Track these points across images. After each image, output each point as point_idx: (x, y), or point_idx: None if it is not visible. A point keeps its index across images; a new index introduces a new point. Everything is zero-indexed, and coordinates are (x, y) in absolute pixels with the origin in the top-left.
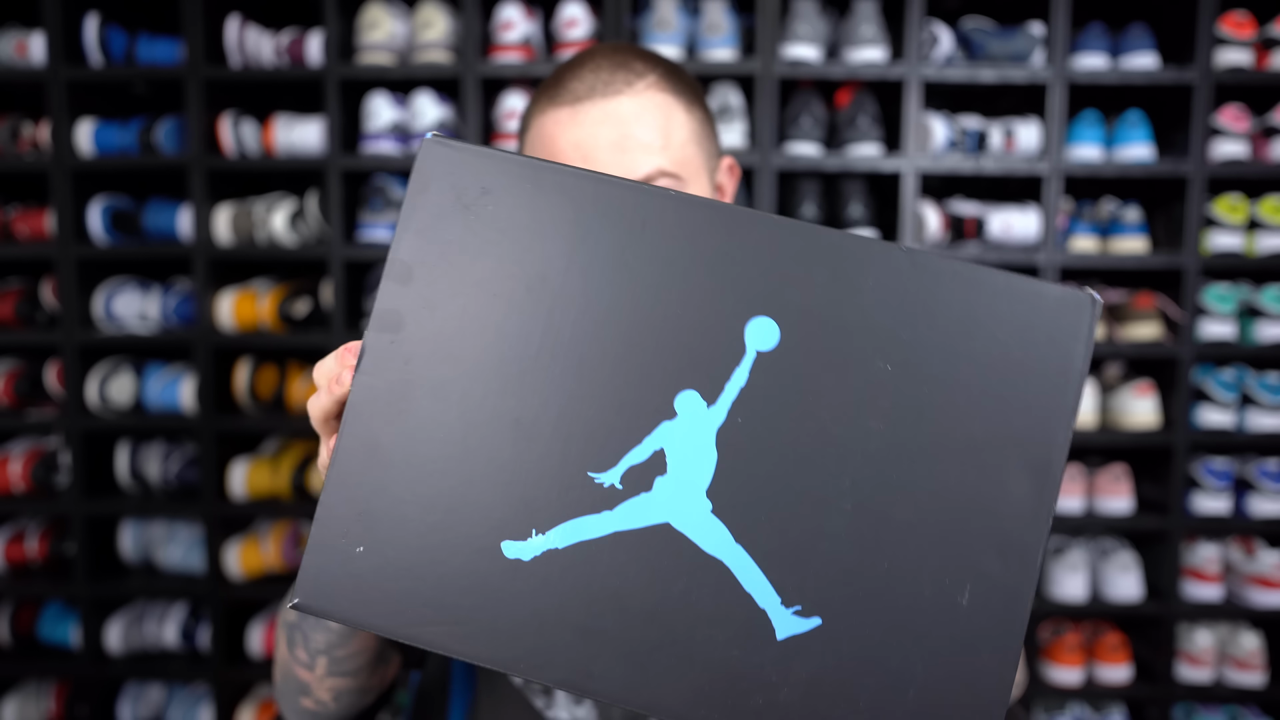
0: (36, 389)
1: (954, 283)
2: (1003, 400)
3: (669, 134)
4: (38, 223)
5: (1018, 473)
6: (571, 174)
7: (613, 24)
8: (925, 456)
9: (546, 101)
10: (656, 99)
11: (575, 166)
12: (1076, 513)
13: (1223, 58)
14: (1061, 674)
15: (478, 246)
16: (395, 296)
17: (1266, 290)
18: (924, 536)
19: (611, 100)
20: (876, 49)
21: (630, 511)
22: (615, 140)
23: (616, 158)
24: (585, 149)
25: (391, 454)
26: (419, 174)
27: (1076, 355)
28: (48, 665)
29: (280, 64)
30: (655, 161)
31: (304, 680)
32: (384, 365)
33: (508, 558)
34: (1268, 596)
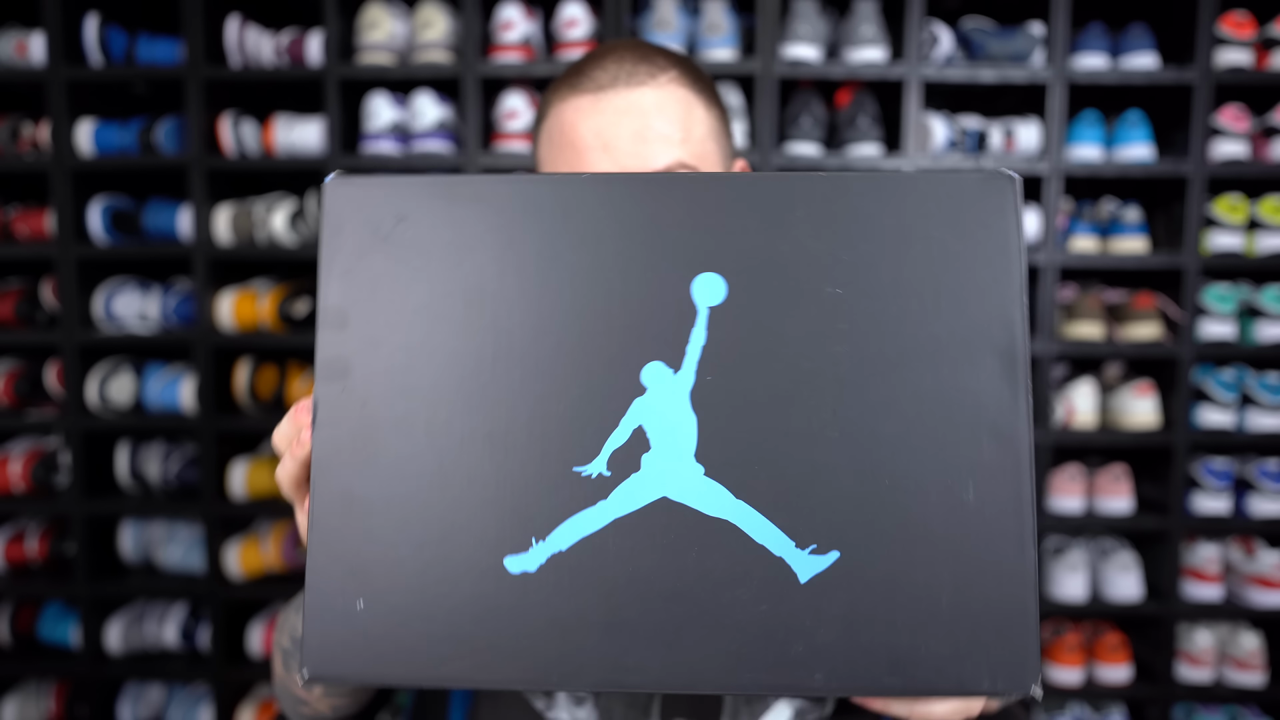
0: (36, 389)
1: (878, 194)
2: (954, 293)
3: (689, 128)
4: (38, 223)
5: (987, 360)
6: (480, 181)
7: (613, 24)
8: (895, 366)
9: (568, 89)
10: (678, 93)
11: (480, 175)
12: (1076, 513)
13: (1223, 58)
14: (1061, 674)
15: (407, 275)
16: (335, 344)
17: (1266, 290)
18: (916, 443)
19: (635, 90)
20: (876, 49)
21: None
22: (637, 130)
23: (637, 147)
24: (606, 137)
25: (370, 501)
26: (329, 216)
27: (1010, 232)
28: (48, 665)
29: (280, 64)
30: (675, 153)
31: (301, 697)
32: (341, 414)
33: (513, 573)
34: (1268, 596)
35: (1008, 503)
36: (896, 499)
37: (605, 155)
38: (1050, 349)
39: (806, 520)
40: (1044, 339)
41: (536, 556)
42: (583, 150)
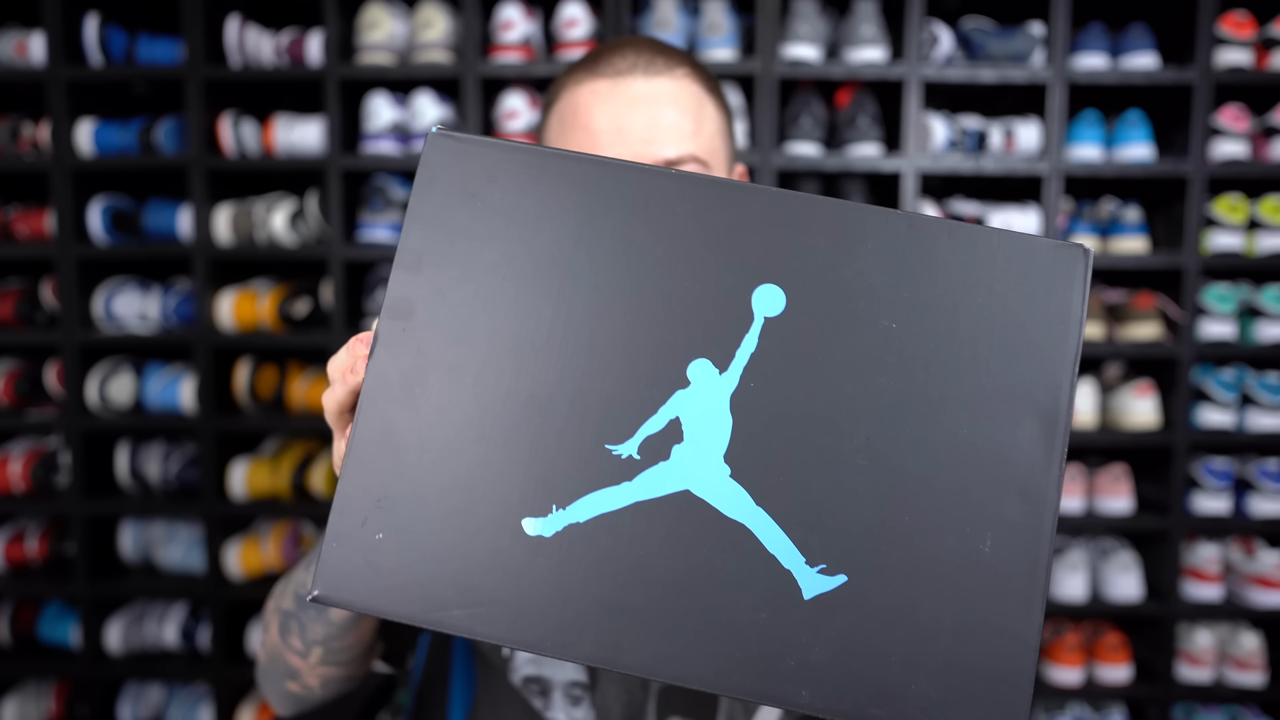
0: (36, 389)
1: (951, 242)
2: (1006, 351)
3: (701, 122)
4: (38, 223)
5: (1027, 420)
6: (573, 158)
7: (613, 24)
8: (935, 409)
9: (584, 74)
10: (692, 88)
11: (576, 152)
12: (1076, 513)
13: (1223, 58)
14: (1061, 674)
15: (486, 232)
16: (406, 284)
17: (1266, 290)
18: (941, 488)
19: (653, 80)
20: (876, 49)
21: (650, 481)
22: (651, 118)
23: (650, 134)
24: (621, 121)
25: (408, 439)
26: (426, 166)
27: (1073, 303)
28: (48, 665)
29: (280, 64)
30: (687, 146)
31: (294, 666)
32: (398, 351)
33: (529, 535)
34: (1268, 596)
35: (1023, 562)
36: (912, 536)
37: (619, 139)
38: None
39: (820, 539)
40: None
41: (554, 523)
42: (596, 133)
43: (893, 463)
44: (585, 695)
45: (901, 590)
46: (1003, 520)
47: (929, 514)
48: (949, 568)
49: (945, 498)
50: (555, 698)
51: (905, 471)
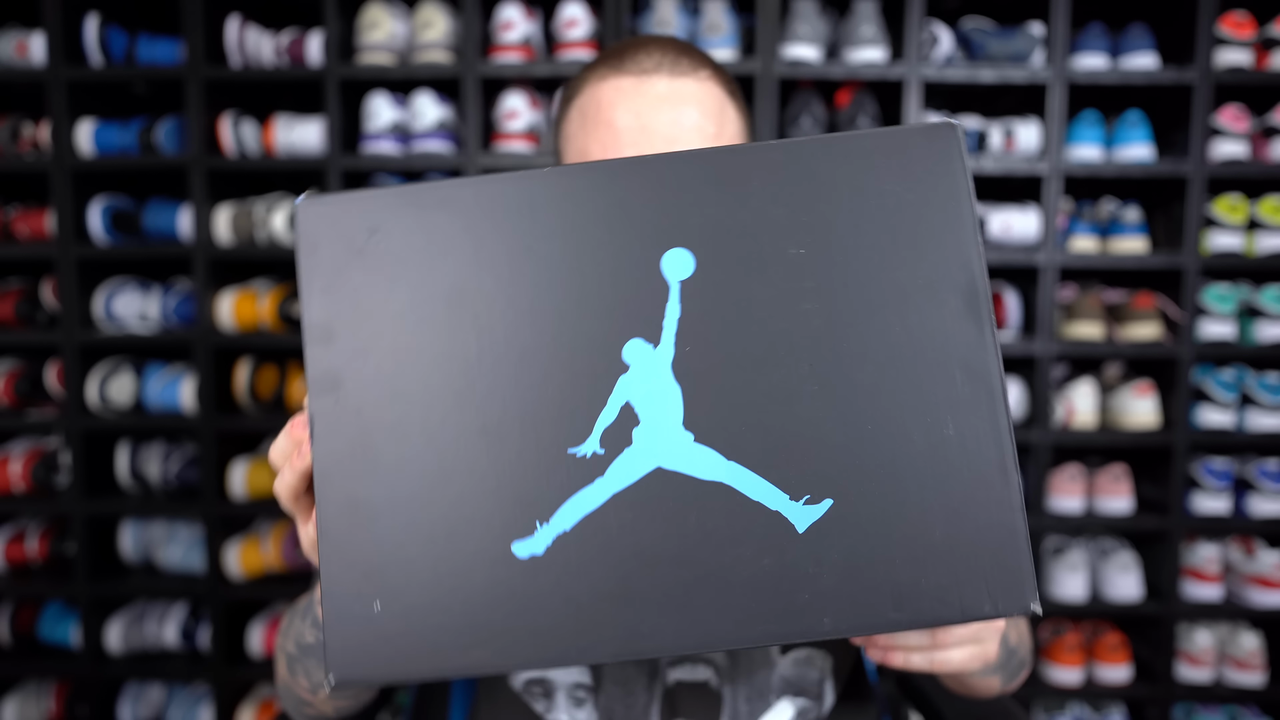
0: (37, 389)
1: (829, 156)
2: (911, 241)
3: (723, 125)
4: (38, 223)
5: (950, 300)
6: (448, 186)
7: (613, 24)
8: (864, 316)
9: (608, 70)
10: (715, 91)
11: (451, 180)
12: (1076, 512)
13: (1222, 58)
14: (1061, 674)
15: (386, 284)
16: (324, 358)
17: (1266, 290)
18: (893, 387)
19: (678, 80)
20: (876, 49)
21: (620, 470)
22: (675, 118)
23: (674, 134)
24: (645, 120)
25: (375, 505)
26: (304, 237)
27: (957, 176)
28: (48, 665)
29: (280, 64)
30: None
31: (305, 699)
32: (337, 425)
33: (522, 558)
34: (1267, 596)
35: (987, 433)
36: (880, 442)
37: (642, 137)
38: (1050, 349)
39: (797, 473)
40: (1044, 339)
41: (543, 539)
42: (619, 130)
43: (841, 381)
44: (589, 697)
45: (886, 496)
46: (956, 401)
47: (889, 417)
48: (923, 460)
49: (899, 397)
50: (559, 699)
51: (855, 384)
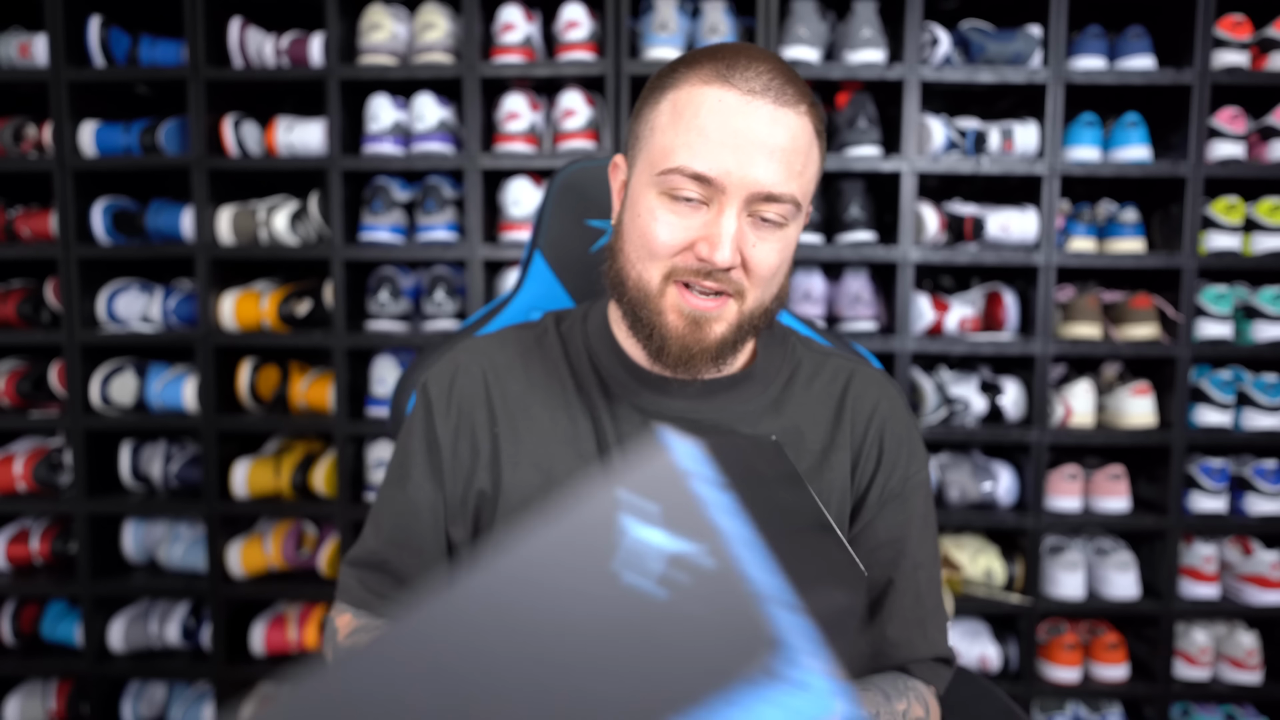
0: (40, 389)
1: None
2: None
3: (807, 163)
4: (41, 223)
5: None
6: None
7: (613, 25)
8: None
9: (714, 75)
10: (809, 128)
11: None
12: (1074, 512)
13: (1220, 59)
14: (1059, 673)
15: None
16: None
17: (1263, 291)
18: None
19: (782, 110)
20: (875, 50)
21: None
22: (771, 149)
23: (763, 161)
24: (742, 140)
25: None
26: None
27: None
28: (51, 664)
29: (282, 65)
30: (790, 186)
31: None
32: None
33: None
34: (1264, 595)
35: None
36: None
37: (731, 158)
38: (1048, 349)
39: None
40: (1042, 339)
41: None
42: (714, 145)
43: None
44: None
45: None
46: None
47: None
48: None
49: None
50: None
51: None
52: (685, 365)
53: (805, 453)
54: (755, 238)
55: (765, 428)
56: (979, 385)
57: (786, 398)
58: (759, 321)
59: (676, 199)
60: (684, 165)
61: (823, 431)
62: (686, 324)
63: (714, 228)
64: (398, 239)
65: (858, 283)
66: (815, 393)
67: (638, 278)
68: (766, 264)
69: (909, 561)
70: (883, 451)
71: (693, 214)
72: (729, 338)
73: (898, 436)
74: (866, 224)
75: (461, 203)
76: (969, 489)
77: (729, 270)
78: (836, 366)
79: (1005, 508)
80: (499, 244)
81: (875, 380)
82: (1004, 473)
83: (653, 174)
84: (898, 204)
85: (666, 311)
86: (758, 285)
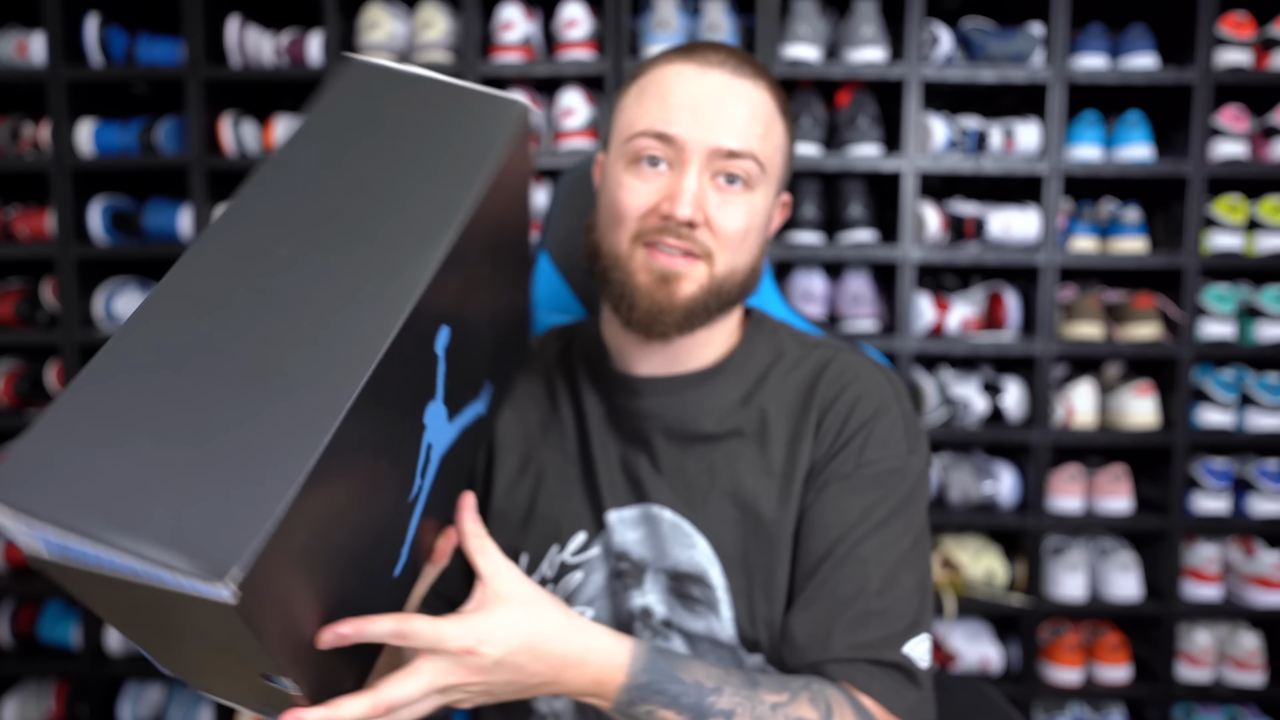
0: (37, 389)
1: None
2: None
3: (769, 131)
4: (38, 223)
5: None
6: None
7: (613, 24)
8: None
9: (674, 57)
10: (770, 102)
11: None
12: (1076, 512)
13: (1222, 58)
14: (1061, 674)
15: None
16: None
17: (1266, 290)
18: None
19: (738, 79)
20: (876, 49)
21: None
22: (727, 111)
23: (719, 123)
24: (698, 102)
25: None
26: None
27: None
28: (48, 665)
29: (280, 64)
30: (752, 144)
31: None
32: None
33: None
34: (1267, 596)
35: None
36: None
37: (690, 118)
38: (1050, 349)
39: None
40: (1044, 339)
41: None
42: (671, 106)
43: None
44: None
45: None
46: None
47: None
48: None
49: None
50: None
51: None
52: (654, 324)
53: (773, 444)
54: (720, 198)
55: (733, 421)
56: (980, 385)
57: (759, 389)
58: (733, 291)
59: (641, 164)
60: (646, 128)
61: (790, 422)
62: (655, 281)
63: (676, 185)
64: None
65: (859, 282)
66: (792, 382)
67: (610, 246)
68: (733, 225)
69: (844, 550)
70: (840, 433)
71: (657, 178)
72: (699, 298)
73: (863, 420)
74: (867, 223)
75: None
76: (970, 489)
77: (693, 227)
78: (820, 356)
79: (1007, 508)
80: None
81: (855, 367)
82: (1005, 473)
83: (620, 146)
84: (899, 203)
85: (637, 272)
86: (726, 248)
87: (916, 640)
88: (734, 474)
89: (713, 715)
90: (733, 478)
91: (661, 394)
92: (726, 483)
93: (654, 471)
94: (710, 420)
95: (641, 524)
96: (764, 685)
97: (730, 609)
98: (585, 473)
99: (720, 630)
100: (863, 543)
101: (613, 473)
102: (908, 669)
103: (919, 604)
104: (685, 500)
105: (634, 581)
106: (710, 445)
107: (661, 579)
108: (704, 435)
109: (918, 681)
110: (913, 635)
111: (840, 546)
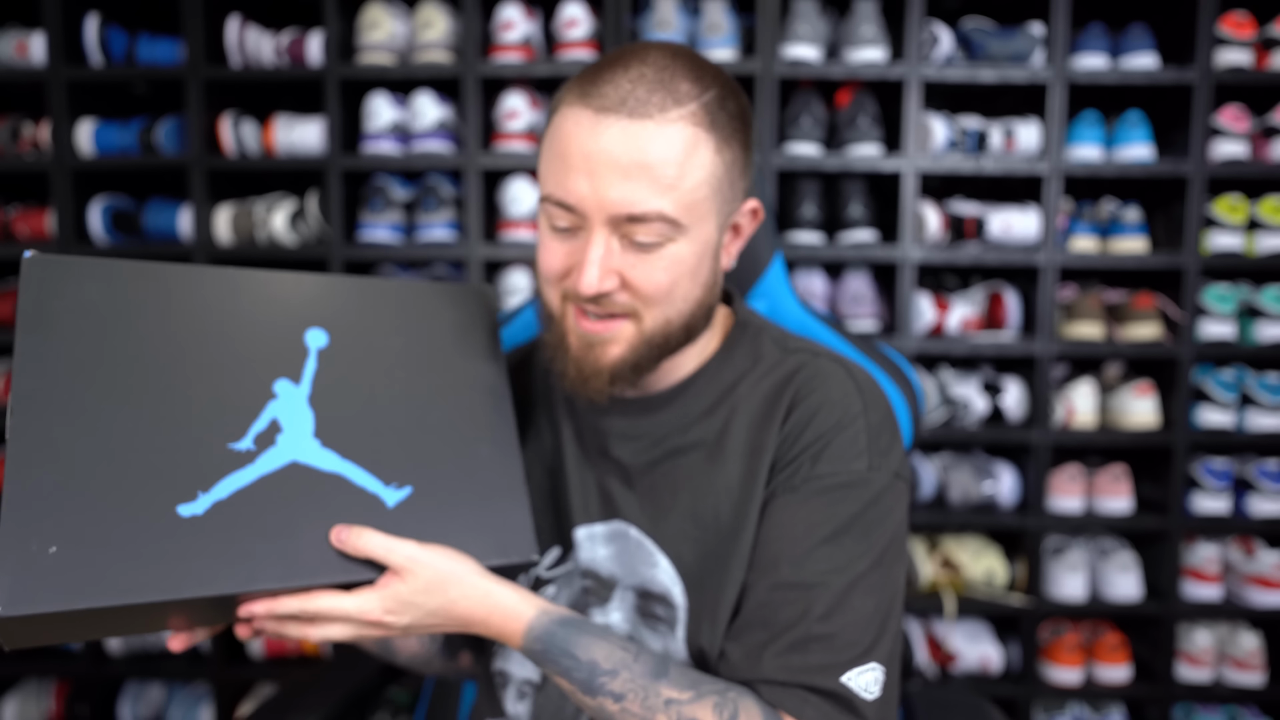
0: None
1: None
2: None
3: (684, 174)
4: (38, 223)
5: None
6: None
7: (613, 24)
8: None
9: (576, 96)
10: (686, 133)
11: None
12: (1076, 512)
13: (1223, 58)
14: (1061, 674)
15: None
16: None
17: (1266, 290)
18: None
19: (636, 123)
20: (876, 49)
21: (266, 461)
22: (625, 167)
23: (620, 184)
24: (594, 164)
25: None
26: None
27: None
28: (48, 664)
29: (280, 64)
30: (657, 203)
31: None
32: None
33: (184, 517)
34: (1267, 596)
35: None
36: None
37: (587, 182)
38: (1050, 349)
39: (390, 468)
40: (1044, 339)
41: (203, 504)
42: (569, 169)
43: (422, 414)
44: (531, 693)
45: (446, 487)
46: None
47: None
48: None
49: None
50: (510, 691)
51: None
52: (584, 387)
53: (731, 456)
54: (634, 259)
55: (696, 433)
56: (980, 385)
57: (727, 398)
58: (675, 336)
59: (555, 227)
60: (550, 194)
61: (750, 434)
62: (581, 346)
63: (581, 255)
64: (397, 238)
65: (859, 282)
66: (760, 390)
67: (546, 299)
68: (652, 283)
69: (788, 568)
70: (795, 443)
71: (570, 240)
72: (628, 359)
73: (820, 431)
74: (868, 223)
75: (461, 202)
76: (970, 489)
77: (599, 298)
78: (793, 363)
79: (1007, 508)
80: (498, 243)
81: (825, 374)
82: (1005, 473)
83: (540, 201)
84: (899, 203)
85: (568, 333)
86: (652, 305)
87: (863, 669)
88: (693, 489)
89: (601, 695)
90: (692, 493)
91: (631, 414)
92: (686, 499)
93: (625, 488)
94: (677, 434)
95: (612, 540)
96: (671, 678)
97: (684, 629)
98: (558, 488)
99: (676, 651)
100: (806, 561)
101: (586, 488)
102: (846, 698)
103: (876, 631)
104: (650, 518)
105: (599, 599)
106: (675, 460)
107: (630, 597)
108: (671, 450)
109: (858, 713)
110: (860, 664)
111: (783, 564)
